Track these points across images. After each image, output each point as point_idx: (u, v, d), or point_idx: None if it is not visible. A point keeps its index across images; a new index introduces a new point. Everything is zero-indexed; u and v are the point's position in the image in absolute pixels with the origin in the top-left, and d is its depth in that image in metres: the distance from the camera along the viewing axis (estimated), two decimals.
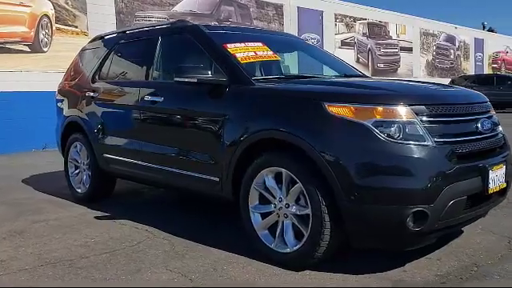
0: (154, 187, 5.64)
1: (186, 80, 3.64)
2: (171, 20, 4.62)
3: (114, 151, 4.69)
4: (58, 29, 10.61)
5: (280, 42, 4.51)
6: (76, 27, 10.87)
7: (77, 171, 5.39)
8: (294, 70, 4.27)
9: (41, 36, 10.40)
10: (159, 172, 4.16)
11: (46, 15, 10.46)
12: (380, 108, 2.93)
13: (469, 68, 26.11)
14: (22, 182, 6.56)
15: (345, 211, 2.93)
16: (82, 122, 5.11)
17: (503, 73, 27.82)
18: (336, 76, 4.30)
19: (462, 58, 25.65)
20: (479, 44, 27.15)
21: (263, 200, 3.39)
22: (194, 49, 4.08)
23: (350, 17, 18.38)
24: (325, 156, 2.94)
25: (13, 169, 7.88)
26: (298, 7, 16.15)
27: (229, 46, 3.91)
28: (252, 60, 3.86)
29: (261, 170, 3.32)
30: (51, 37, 10.53)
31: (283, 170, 3.19)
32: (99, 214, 4.75)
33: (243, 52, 3.85)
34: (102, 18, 11.20)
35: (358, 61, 18.32)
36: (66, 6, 10.71)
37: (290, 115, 3.17)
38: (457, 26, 25.40)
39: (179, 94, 3.99)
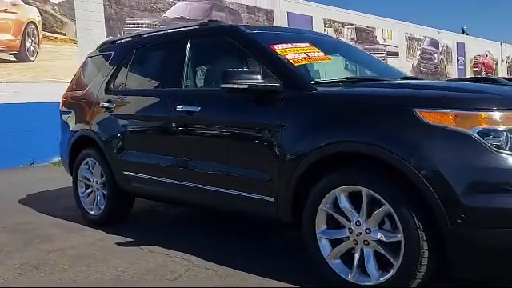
0: (172, 205, 5.14)
1: (235, 87, 3.15)
2: (199, 21, 4.03)
3: (138, 168, 4.17)
4: (45, 36, 9.98)
5: (325, 43, 4.05)
6: (64, 35, 10.25)
7: (88, 191, 4.83)
8: (341, 73, 3.81)
9: (27, 44, 9.75)
10: (197, 191, 3.65)
11: (33, 22, 9.83)
12: (485, 114, 2.50)
13: (452, 72, 26.16)
14: (19, 203, 5.94)
15: (449, 236, 2.48)
16: (95, 136, 4.56)
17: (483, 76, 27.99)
18: (400, 78, 3.85)
19: (445, 62, 25.70)
20: (461, 48, 27.28)
21: (333, 223, 2.92)
22: (235, 52, 3.63)
23: (339, 22, 18.12)
24: (422, 172, 2.49)
25: (2, 187, 7.22)
26: (287, 13, 15.81)
27: (276, 47, 3.45)
28: (305, 62, 3.42)
29: (332, 189, 2.85)
30: (38, 45, 9.89)
31: (363, 188, 2.73)
32: (120, 239, 4.21)
33: (294, 53, 3.39)
34: (91, 25, 10.62)
35: (346, 67, 18.00)
36: (54, 13, 10.09)
37: (374, 124, 2.70)
38: (440, 31, 25.46)
39: (221, 103, 3.51)
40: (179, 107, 3.72)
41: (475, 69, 29.07)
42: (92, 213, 4.74)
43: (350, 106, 2.88)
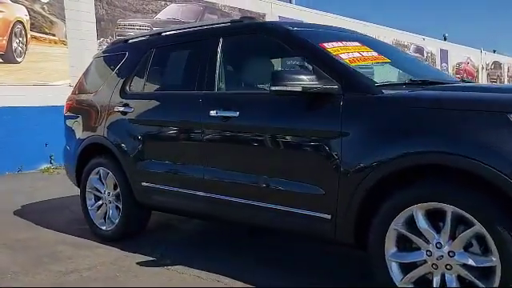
0: (187, 218, 4.75)
1: (287, 89, 2.79)
2: (232, 18, 3.66)
3: (160, 179, 3.77)
4: (34, 37, 9.45)
5: (370, 42, 3.71)
6: (53, 35, 9.73)
7: (98, 203, 4.40)
8: (387, 75, 3.47)
9: (14, 45, 9.21)
10: (234, 206, 3.27)
11: (20, 21, 9.29)
12: None
13: None
14: (16, 215, 5.46)
15: None
16: (109, 143, 4.14)
17: None
18: (461, 81, 3.53)
19: None
20: (444, 55, 27.45)
21: (405, 245, 2.58)
22: (277, 51, 3.32)
23: None
24: None
25: None
26: (279, 16, 15.53)
27: (326, 45, 3.11)
28: (361, 62, 3.07)
29: (408, 206, 2.51)
30: (26, 46, 9.35)
31: (448, 206, 2.39)
32: (140, 257, 3.80)
33: (347, 53, 3.06)
34: (82, 26, 10.12)
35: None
36: (43, 12, 9.57)
37: (462, 132, 2.37)
38: (424, 38, 25.54)
39: (265, 107, 3.15)
40: (213, 112, 3.34)
41: (457, 75, 29.26)
42: (104, 228, 4.31)
43: (431, 111, 2.53)
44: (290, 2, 17.59)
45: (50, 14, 9.68)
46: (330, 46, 3.07)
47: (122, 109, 4.07)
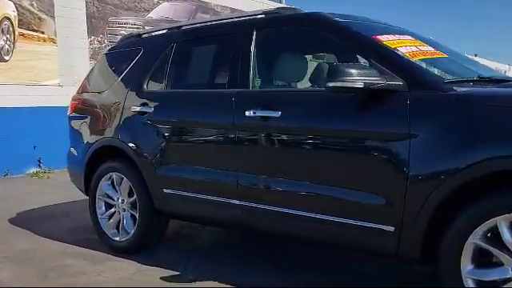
0: (203, 225, 4.42)
1: (347, 85, 2.49)
2: (267, 9, 3.35)
3: (185, 185, 3.44)
4: (22, 34, 8.97)
5: (419, 37, 3.42)
6: (42, 33, 9.26)
7: (110, 212, 4.03)
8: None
9: (1, 42, 8.73)
10: (276, 216, 2.95)
11: (8, 18, 8.82)
12: None
13: None
14: (12, 224, 5.04)
15: None
16: (124, 146, 3.79)
17: None
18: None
19: None
20: None
21: (483, 260, 2.30)
22: (324, 44, 3.03)
23: None
24: None
25: None
26: None
27: (381, 38, 2.82)
28: (421, 57, 2.78)
29: (492, 217, 2.22)
30: (13, 43, 8.88)
31: None
32: (162, 272, 3.45)
33: (404, 46, 2.77)
34: (72, 23, 9.68)
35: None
36: (31, 8, 9.10)
37: None
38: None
39: (313, 106, 2.84)
40: (249, 112, 3.02)
41: None
42: (117, 238, 3.95)
43: None
44: (280, 2, 17.34)
45: (38, 10, 9.21)
46: (386, 39, 2.79)
47: (139, 109, 3.72)
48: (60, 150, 9.21)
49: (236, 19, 3.52)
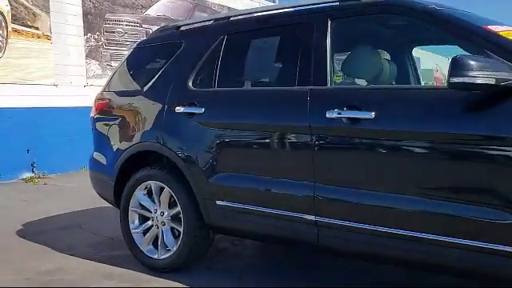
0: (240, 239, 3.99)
1: (478, 82, 2.10)
2: None
3: (245, 198, 3.01)
4: (15, 30, 8.39)
5: None
6: (37, 29, 8.69)
7: (146, 225, 3.57)
8: None
9: None
10: (372, 236, 2.53)
11: (0, 12, 8.24)
12: None
13: None
14: (22, 238, 4.52)
15: None
16: (168, 151, 3.34)
17: None
18: None
19: None
20: (417, 62, 27.52)
21: None
22: (424, 35, 2.60)
23: None
24: None
25: None
26: None
27: (492, 28, 2.44)
28: None
29: None
30: (6, 40, 8.29)
31: None
32: None
33: None
34: (68, 20, 9.13)
35: None
36: (25, 3, 8.52)
37: None
38: None
39: (423, 106, 2.43)
40: (332, 113, 2.61)
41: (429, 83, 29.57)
42: (155, 256, 3.49)
43: None
44: (274, 2, 17.01)
45: (33, 4, 8.64)
46: (499, 29, 2.41)
47: (186, 109, 3.27)
48: (55, 153, 8.73)
49: (305, 7, 3.08)
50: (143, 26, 10.58)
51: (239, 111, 3.08)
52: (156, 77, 3.58)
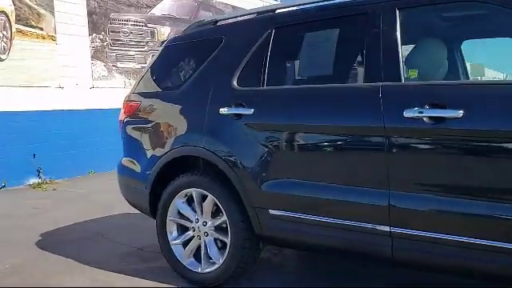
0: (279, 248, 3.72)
1: None
2: None
3: (306, 206, 2.74)
4: (20, 31, 8.08)
5: None
6: (41, 29, 8.38)
7: (187, 236, 3.30)
8: None
9: None
10: (464, 249, 2.27)
11: (4, 12, 7.92)
12: None
13: None
14: (43, 250, 4.23)
15: None
16: (212, 156, 3.06)
17: None
18: None
19: None
20: None
21: None
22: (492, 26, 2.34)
23: None
24: None
25: None
26: None
27: None
28: None
29: None
30: (10, 41, 7.99)
31: None
32: None
33: None
34: (72, 20, 8.83)
35: None
36: (29, 3, 8.21)
37: None
38: None
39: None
40: (411, 112, 2.35)
41: None
42: (198, 270, 3.22)
43: None
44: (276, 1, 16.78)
45: (37, 4, 8.34)
46: None
47: (232, 111, 3.00)
48: (61, 158, 8.41)
49: None
50: (148, 25, 10.30)
51: (296, 111, 2.80)
52: (194, 76, 3.32)
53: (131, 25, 9.95)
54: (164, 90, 3.54)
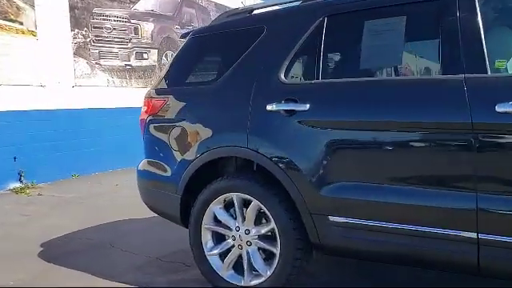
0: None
1: None
2: None
3: (375, 212, 2.47)
4: None
5: None
6: (21, 24, 7.86)
7: (225, 246, 2.99)
8: None
9: None
10: None
11: None
12: None
13: None
14: (48, 262, 3.84)
15: None
16: (259, 157, 2.76)
17: None
18: None
19: None
20: None
21: None
22: None
23: None
24: None
25: None
26: None
27: None
28: None
29: None
30: None
31: None
32: None
33: None
34: (54, 14, 8.34)
35: None
36: None
37: None
38: None
39: None
40: (505, 106, 2.12)
41: None
42: (240, 284, 2.91)
43: None
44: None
45: None
46: None
47: (281, 107, 2.70)
48: (43, 161, 7.89)
49: None
50: (131, 21, 9.87)
51: (364, 107, 2.52)
52: (231, 69, 3.00)
53: (114, 21, 9.50)
54: (194, 86, 3.22)
